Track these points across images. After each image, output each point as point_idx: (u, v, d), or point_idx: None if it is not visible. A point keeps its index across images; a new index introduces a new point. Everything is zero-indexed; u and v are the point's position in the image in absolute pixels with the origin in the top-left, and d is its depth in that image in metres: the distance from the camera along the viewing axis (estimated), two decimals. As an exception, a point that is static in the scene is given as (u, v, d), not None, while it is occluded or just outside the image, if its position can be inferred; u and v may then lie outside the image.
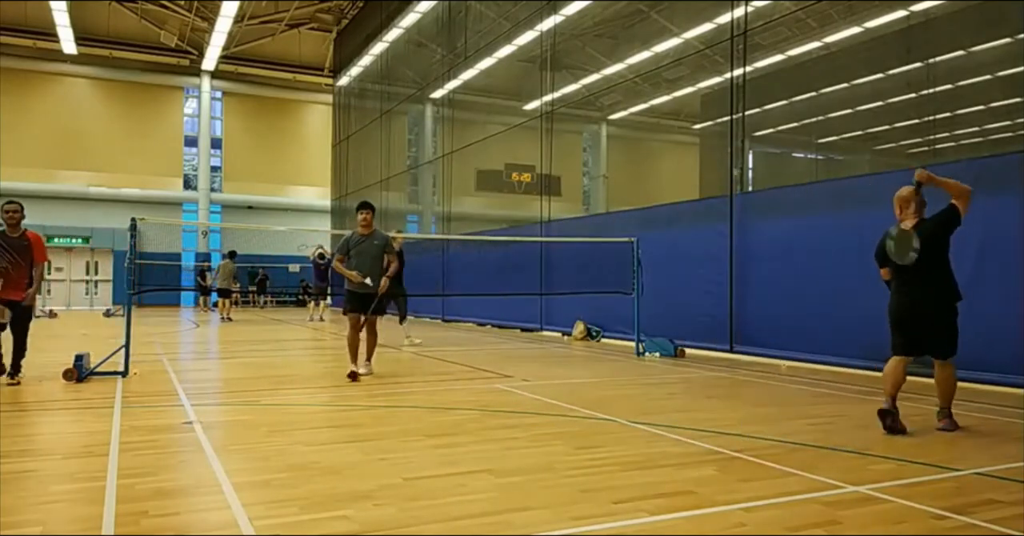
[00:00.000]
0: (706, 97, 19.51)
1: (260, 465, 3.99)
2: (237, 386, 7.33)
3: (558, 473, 3.84)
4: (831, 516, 3.15)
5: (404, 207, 25.23)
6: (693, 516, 3.15)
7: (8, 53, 26.18)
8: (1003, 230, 6.98)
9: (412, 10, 21.47)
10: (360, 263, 7.56)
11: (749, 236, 10.08)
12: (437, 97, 21.52)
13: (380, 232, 7.82)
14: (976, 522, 3.08)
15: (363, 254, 7.60)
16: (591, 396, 6.60)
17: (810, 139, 18.63)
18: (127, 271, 7.70)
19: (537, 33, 16.40)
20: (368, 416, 5.61)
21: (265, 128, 30.88)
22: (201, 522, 3.10)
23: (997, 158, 7.55)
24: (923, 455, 4.28)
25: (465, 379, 7.85)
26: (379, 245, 7.67)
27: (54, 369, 7.43)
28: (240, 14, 25.06)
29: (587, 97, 19.72)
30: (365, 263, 7.56)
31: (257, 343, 12.91)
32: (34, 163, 26.87)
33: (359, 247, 7.62)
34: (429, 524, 3.01)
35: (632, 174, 24.54)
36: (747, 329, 9.99)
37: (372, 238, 7.68)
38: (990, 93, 14.50)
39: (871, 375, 7.84)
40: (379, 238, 7.71)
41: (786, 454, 4.30)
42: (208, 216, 29.25)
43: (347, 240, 7.71)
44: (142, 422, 5.12)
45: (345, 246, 7.70)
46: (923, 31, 12.99)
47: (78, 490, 3.49)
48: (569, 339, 13.11)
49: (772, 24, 12.60)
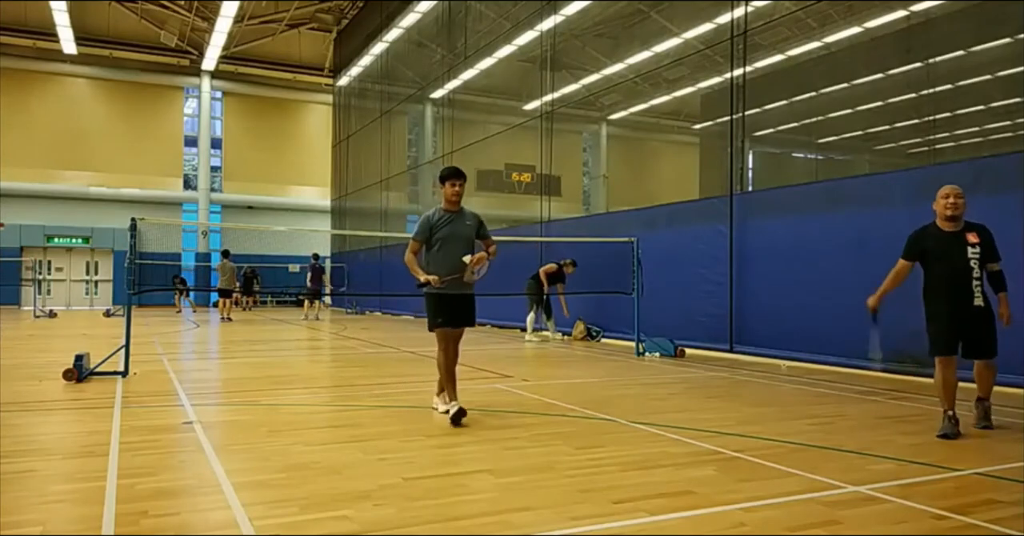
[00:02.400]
0: (706, 97, 19.51)
1: (260, 465, 3.99)
2: (237, 386, 7.33)
3: (558, 473, 3.84)
4: (831, 516, 3.15)
5: (404, 207, 25.24)
6: (693, 516, 3.15)
7: (8, 53, 26.19)
8: (1003, 230, 6.93)
9: (412, 10, 21.49)
10: (450, 252, 5.43)
11: (749, 236, 10.08)
12: (437, 97, 21.53)
13: (469, 210, 5.66)
14: (976, 522, 3.08)
15: (453, 239, 5.47)
16: (591, 396, 6.60)
17: (810, 139, 18.63)
18: (127, 271, 7.69)
19: (537, 33, 16.40)
20: (368, 416, 5.61)
21: (265, 128, 30.88)
22: (201, 522, 3.10)
23: (997, 158, 7.55)
24: (923, 455, 4.28)
25: (465, 379, 7.83)
26: (472, 226, 5.59)
27: (54, 369, 7.43)
28: (240, 14, 25.06)
29: (587, 97, 19.71)
30: (456, 252, 5.42)
31: (257, 343, 12.91)
32: (34, 163, 26.87)
33: (446, 229, 5.48)
34: (429, 524, 3.01)
35: (632, 174, 24.54)
36: (747, 329, 9.99)
37: (462, 217, 5.57)
38: (990, 93, 14.50)
39: (871, 375, 7.85)
40: (470, 218, 5.59)
41: (786, 454, 4.30)
42: (208, 216, 29.24)
43: (428, 220, 5.53)
44: (142, 422, 5.12)
45: (426, 228, 5.50)
46: (923, 31, 12.98)
47: (78, 490, 3.49)
48: (569, 339, 13.11)
49: (772, 24, 12.60)
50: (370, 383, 7.48)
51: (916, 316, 5.11)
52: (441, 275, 5.31)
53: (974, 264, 4.91)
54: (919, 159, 14.02)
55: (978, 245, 4.94)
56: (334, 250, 29.58)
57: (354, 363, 9.74)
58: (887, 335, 6.08)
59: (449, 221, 5.49)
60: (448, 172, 5.53)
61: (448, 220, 5.49)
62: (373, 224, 24.87)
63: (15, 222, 25.75)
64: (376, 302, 24.95)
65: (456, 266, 5.37)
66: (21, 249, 26.42)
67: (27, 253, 26.39)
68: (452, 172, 5.53)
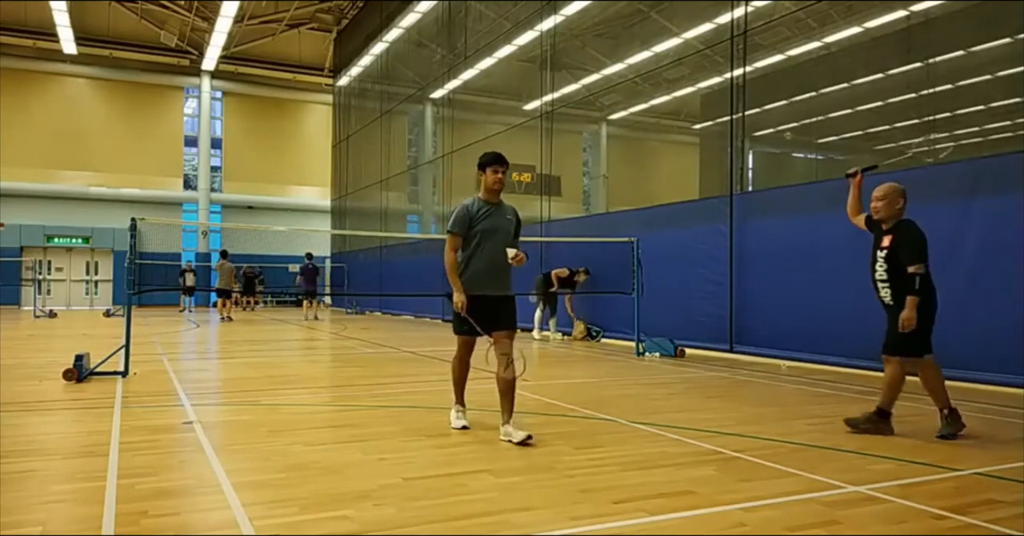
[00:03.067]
0: (706, 97, 19.50)
1: (260, 465, 3.99)
2: (237, 386, 7.33)
3: (558, 473, 3.84)
4: (831, 516, 3.15)
5: (404, 207, 25.24)
6: (693, 516, 3.15)
7: (8, 53, 26.19)
8: (1003, 230, 6.98)
9: (412, 10, 21.48)
10: (491, 248, 4.78)
11: (749, 236, 10.08)
12: (437, 97, 21.52)
13: (508, 203, 5.01)
14: (976, 522, 3.08)
15: (494, 234, 4.80)
16: (591, 396, 6.60)
17: (810, 139, 18.61)
18: (127, 271, 7.69)
19: (537, 33, 16.40)
20: (368, 416, 5.61)
21: (265, 128, 30.88)
22: (201, 522, 3.10)
23: (997, 158, 7.55)
24: (923, 455, 4.28)
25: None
26: (512, 222, 4.93)
27: (54, 369, 7.43)
28: (240, 14, 25.06)
29: (587, 97, 19.69)
30: (498, 248, 4.78)
31: (257, 343, 12.91)
32: (34, 163, 26.88)
33: (486, 222, 4.79)
34: (429, 524, 3.01)
35: (632, 174, 24.52)
36: (747, 329, 9.99)
37: (502, 210, 4.91)
38: (990, 93, 14.49)
39: (871, 375, 7.84)
40: (510, 212, 4.96)
41: (786, 454, 4.30)
42: (208, 216, 29.25)
43: (466, 210, 4.82)
44: (142, 422, 5.12)
45: (465, 220, 4.79)
46: (923, 31, 12.97)
47: (78, 490, 3.49)
48: (569, 339, 13.11)
49: (772, 24, 12.59)
50: (370, 383, 7.48)
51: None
52: (480, 275, 4.75)
53: (878, 266, 4.95)
54: (919, 159, 14.01)
55: (887, 249, 4.90)
56: (334, 250, 29.59)
57: (354, 363, 9.74)
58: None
59: (489, 213, 4.81)
60: (490, 157, 4.89)
61: (488, 212, 4.81)
62: (373, 224, 24.88)
63: (15, 222, 25.76)
64: (376, 302, 24.96)
65: (498, 264, 4.78)
66: (21, 249, 26.43)
67: (27, 253, 26.40)
68: (495, 157, 4.89)
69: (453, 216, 4.84)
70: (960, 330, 7.17)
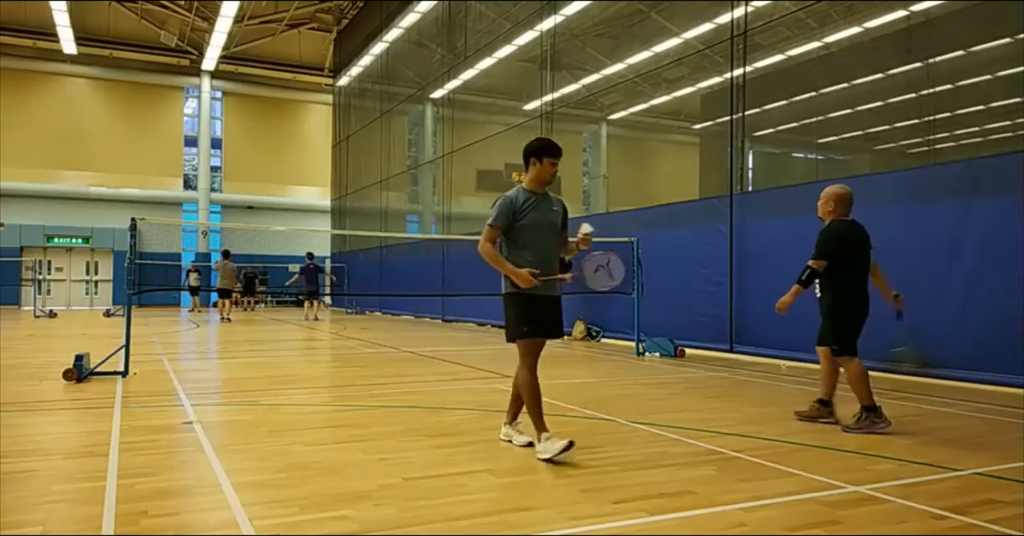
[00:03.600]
0: (706, 97, 19.49)
1: (260, 465, 3.99)
2: (237, 386, 7.33)
3: (558, 473, 3.84)
4: (831, 516, 3.15)
5: (404, 207, 25.23)
6: (693, 516, 3.15)
7: (8, 53, 26.20)
8: (1003, 230, 6.98)
9: (412, 10, 21.48)
10: (540, 243, 4.38)
11: (749, 236, 10.08)
12: (437, 97, 21.52)
13: (554, 195, 4.57)
14: (976, 522, 3.08)
15: (541, 227, 4.40)
16: (591, 396, 6.60)
17: (810, 139, 18.61)
18: (127, 271, 7.70)
19: (537, 33, 16.40)
20: (368, 416, 5.61)
21: (265, 128, 30.89)
22: (201, 522, 3.10)
23: (997, 158, 7.55)
24: (923, 455, 4.28)
25: (465, 379, 7.85)
26: (559, 214, 4.52)
27: (54, 369, 7.43)
28: (240, 14, 25.07)
29: (587, 97, 19.69)
30: (546, 242, 4.42)
31: (257, 343, 12.91)
32: (34, 163, 26.89)
33: (532, 215, 4.37)
34: (429, 524, 3.01)
35: (632, 174, 24.51)
36: (747, 329, 9.98)
37: (548, 201, 4.48)
38: (990, 93, 14.49)
39: (871, 375, 7.83)
40: (556, 203, 4.53)
41: (786, 454, 4.30)
42: (208, 216, 29.26)
43: (511, 202, 4.36)
44: (142, 422, 5.12)
45: (509, 213, 4.34)
46: (923, 31, 12.97)
47: (78, 490, 3.49)
48: (569, 339, 13.10)
49: (772, 24, 12.59)
50: (370, 383, 7.48)
51: (914, 315, 5.12)
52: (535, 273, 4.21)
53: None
54: (919, 159, 14.01)
55: None
56: (334, 250, 29.59)
57: (354, 363, 9.74)
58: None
59: (535, 205, 4.37)
60: (549, 145, 4.43)
61: (535, 203, 4.37)
62: (373, 224, 24.88)
63: (15, 222, 25.76)
64: (376, 302, 24.96)
65: (548, 260, 4.37)
66: (21, 249, 26.44)
67: (27, 253, 26.40)
68: (553, 146, 4.44)
69: (496, 210, 4.35)
70: (960, 330, 7.18)
